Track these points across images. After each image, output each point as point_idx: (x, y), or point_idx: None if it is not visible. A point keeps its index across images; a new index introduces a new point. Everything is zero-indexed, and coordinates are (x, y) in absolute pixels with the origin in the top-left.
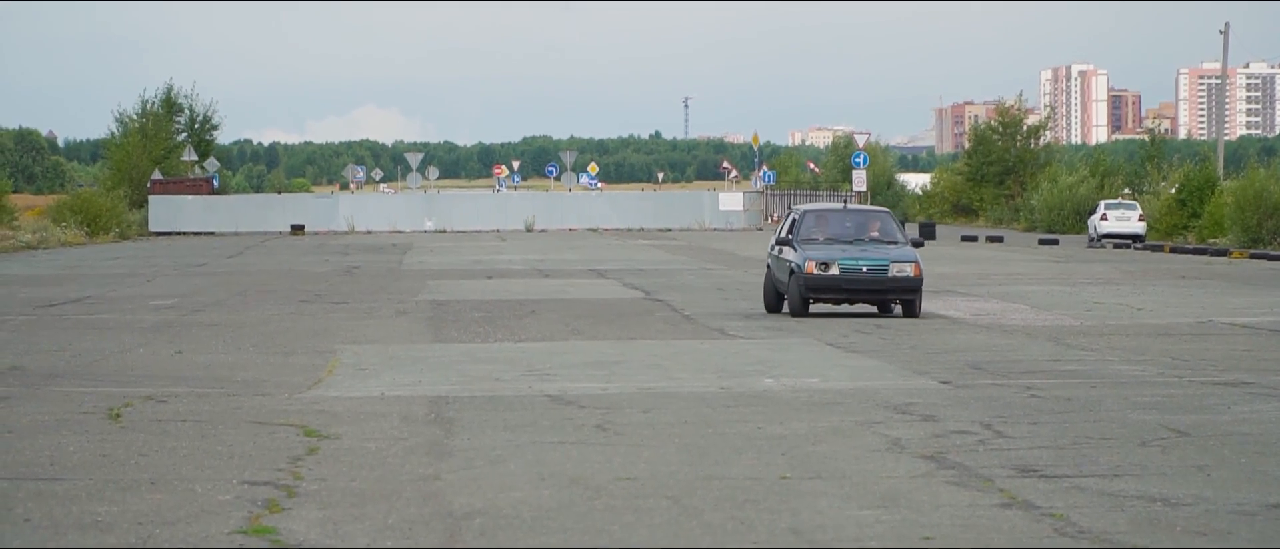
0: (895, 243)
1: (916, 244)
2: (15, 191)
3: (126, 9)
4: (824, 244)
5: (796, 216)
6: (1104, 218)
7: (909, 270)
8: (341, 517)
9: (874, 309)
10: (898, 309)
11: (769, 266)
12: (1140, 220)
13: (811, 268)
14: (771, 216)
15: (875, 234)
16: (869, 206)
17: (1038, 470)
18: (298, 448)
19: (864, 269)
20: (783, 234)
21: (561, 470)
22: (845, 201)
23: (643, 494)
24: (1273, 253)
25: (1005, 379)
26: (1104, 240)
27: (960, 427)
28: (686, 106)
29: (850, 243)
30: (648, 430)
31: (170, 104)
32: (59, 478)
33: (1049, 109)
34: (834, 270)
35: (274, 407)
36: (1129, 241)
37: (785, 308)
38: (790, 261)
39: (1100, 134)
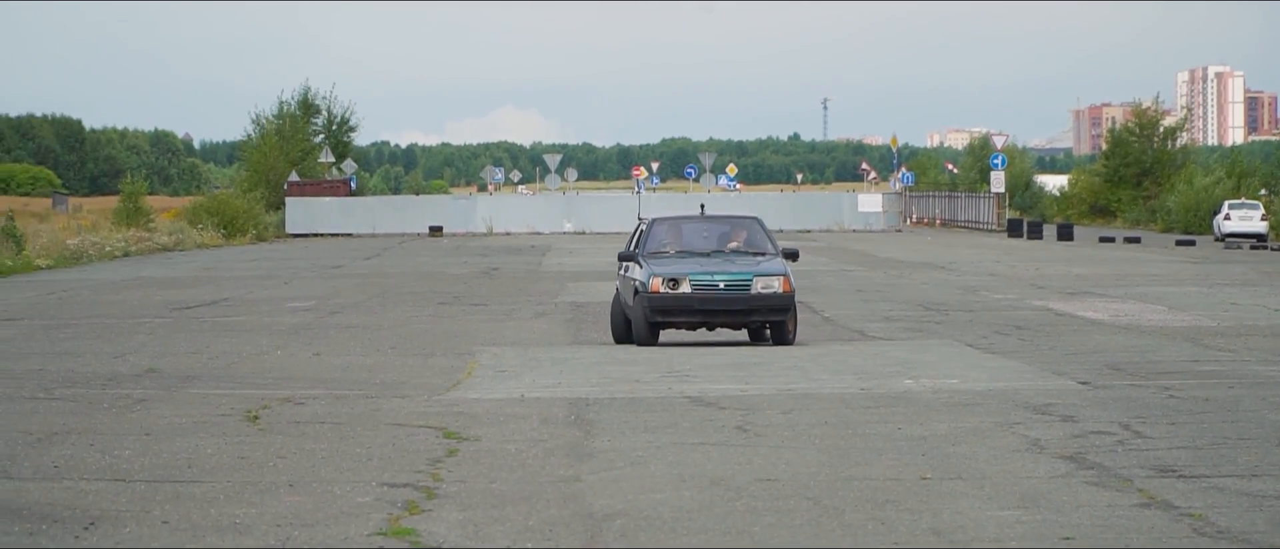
0: (762, 254)
1: (789, 256)
2: (151, 193)
3: (263, 10)
4: (674, 258)
5: (645, 227)
6: (1227, 218)
7: (776, 285)
8: (482, 518)
9: (744, 335)
10: (768, 332)
11: (617, 289)
12: (1263, 220)
13: (658, 286)
14: (911, 218)
15: (738, 245)
16: (733, 214)
17: (1176, 470)
18: (437, 449)
19: (721, 285)
20: (629, 248)
21: (702, 471)
22: (702, 208)
23: (783, 495)
24: None
25: (1143, 380)
26: (1229, 239)
27: (1099, 427)
28: (825, 108)
29: (706, 256)
30: (788, 431)
31: (307, 106)
32: (197, 480)
33: (1185, 111)
34: (684, 288)
35: (413, 408)
36: (1252, 241)
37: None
38: (635, 280)
39: (1236, 136)
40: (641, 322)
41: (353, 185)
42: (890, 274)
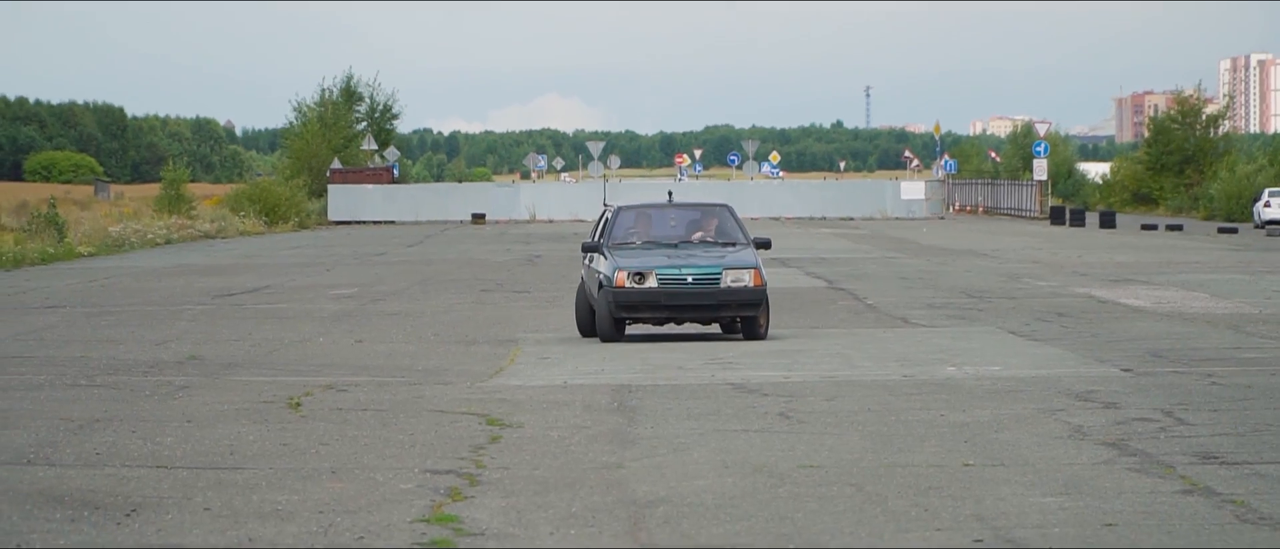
0: (733, 245)
1: (761, 246)
2: (193, 181)
3: None
4: (640, 250)
5: (609, 216)
6: (1267, 205)
7: (747, 279)
8: (525, 505)
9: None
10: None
11: (582, 279)
12: None
13: (622, 280)
14: (953, 206)
15: (708, 235)
16: (704, 201)
17: (1218, 457)
18: (480, 436)
19: (689, 279)
20: (593, 238)
21: (745, 458)
22: (670, 196)
23: (826, 481)
24: None
25: (1186, 366)
26: (1270, 227)
27: (1141, 414)
28: (868, 96)
29: (674, 247)
30: (831, 418)
31: (350, 93)
32: (239, 467)
33: (1228, 99)
34: (650, 282)
35: (456, 395)
36: None
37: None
38: (599, 273)
39: (1278, 123)
40: (606, 317)
41: (395, 173)
42: (933, 261)
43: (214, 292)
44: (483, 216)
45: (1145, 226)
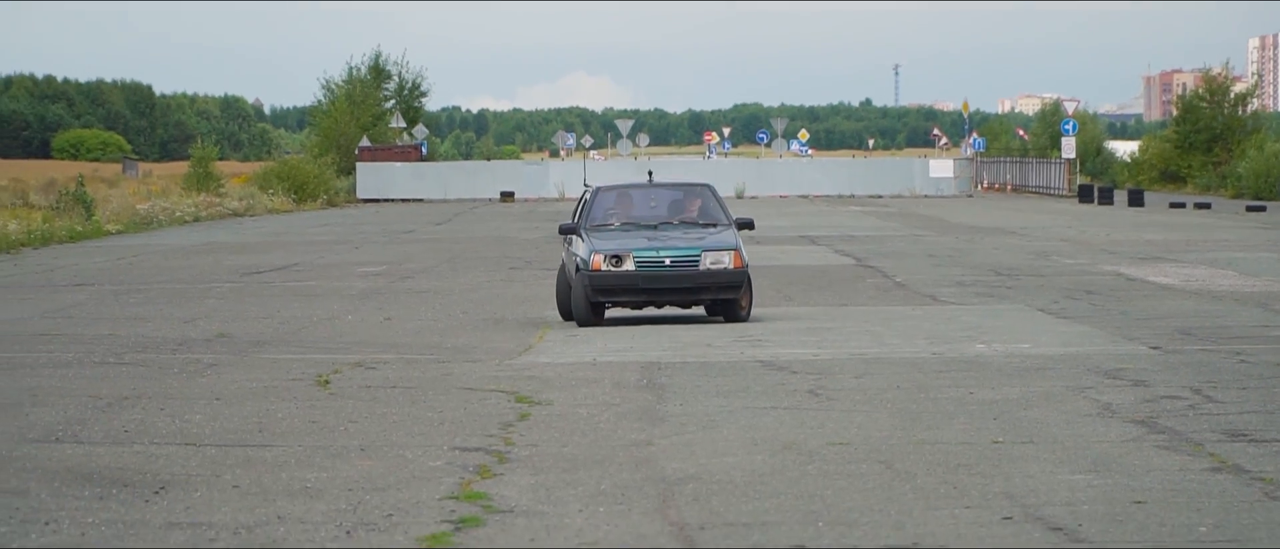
0: (714, 226)
1: (743, 226)
2: (221, 159)
3: None
4: (618, 232)
5: (588, 196)
6: None
7: (727, 261)
8: (553, 482)
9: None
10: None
11: (562, 261)
12: None
13: (599, 263)
14: (982, 184)
15: (691, 215)
16: (685, 181)
17: (1247, 435)
18: (509, 414)
19: (667, 262)
20: (572, 219)
21: (774, 435)
22: (650, 175)
23: (855, 459)
24: None
25: (1214, 344)
26: None
27: (1170, 392)
28: (897, 74)
29: (653, 228)
30: (860, 395)
31: (378, 71)
32: (268, 444)
33: (1256, 77)
34: (628, 265)
35: (484, 373)
36: None
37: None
38: (577, 256)
39: None
40: (583, 300)
41: (424, 151)
42: (961, 239)
43: (242, 269)
44: (511, 195)
45: (1173, 205)
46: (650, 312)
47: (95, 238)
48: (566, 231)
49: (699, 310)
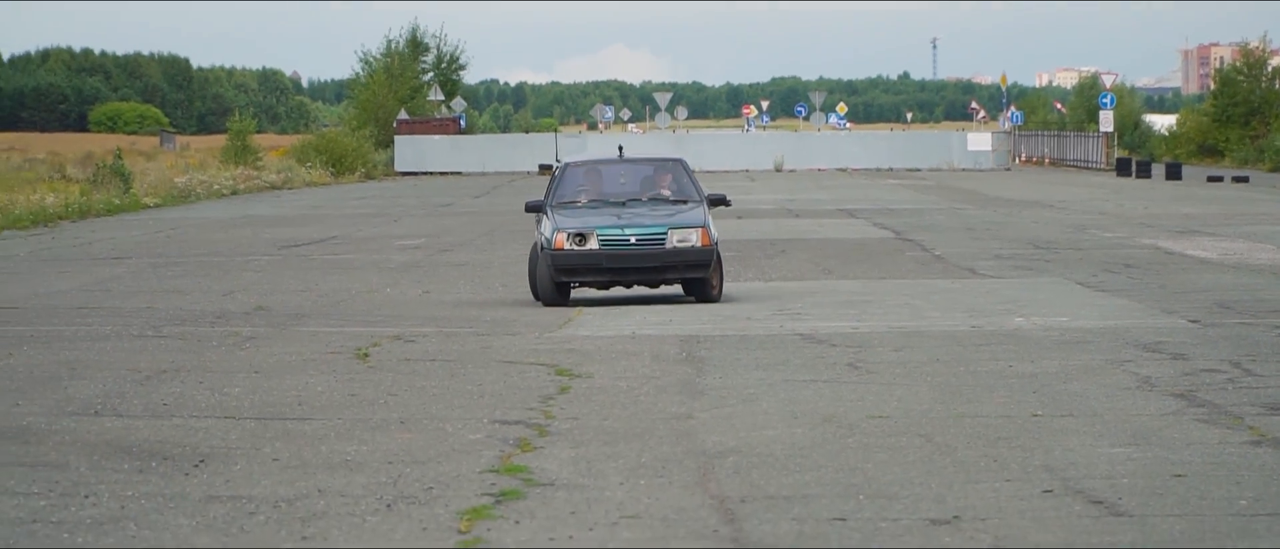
0: (683, 202)
1: (715, 202)
2: (259, 132)
3: None
4: (584, 209)
5: (557, 173)
6: None
7: (694, 239)
8: (594, 455)
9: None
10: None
11: (535, 241)
12: None
13: (562, 242)
14: (1019, 157)
15: (657, 191)
16: (656, 156)
17: None
18: (548, 387)
19: (632, 240)
20: (542, 196)
21: (814, 409)
22: (620, 150)
23: (895, 432)
24: None
25: (1253, 318)
26: None
27: (1209, 365)
28: (934, 47)
29: (620, 205)
30: (899, 369)
31: (416, 44)
32: (307, 417)
33: None
34: (591, 244)
35: (524, 346)
36: None
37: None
38: (542, 234)
39: None
40: (547, 280)
41: (462, 124)
42: (999, 212)
43: (280, 242)
44: (550, 167)
45: (1211, 178)
46: (619, 292)
47: (133, 211)
48: (533, 209)
49: (670, 291)
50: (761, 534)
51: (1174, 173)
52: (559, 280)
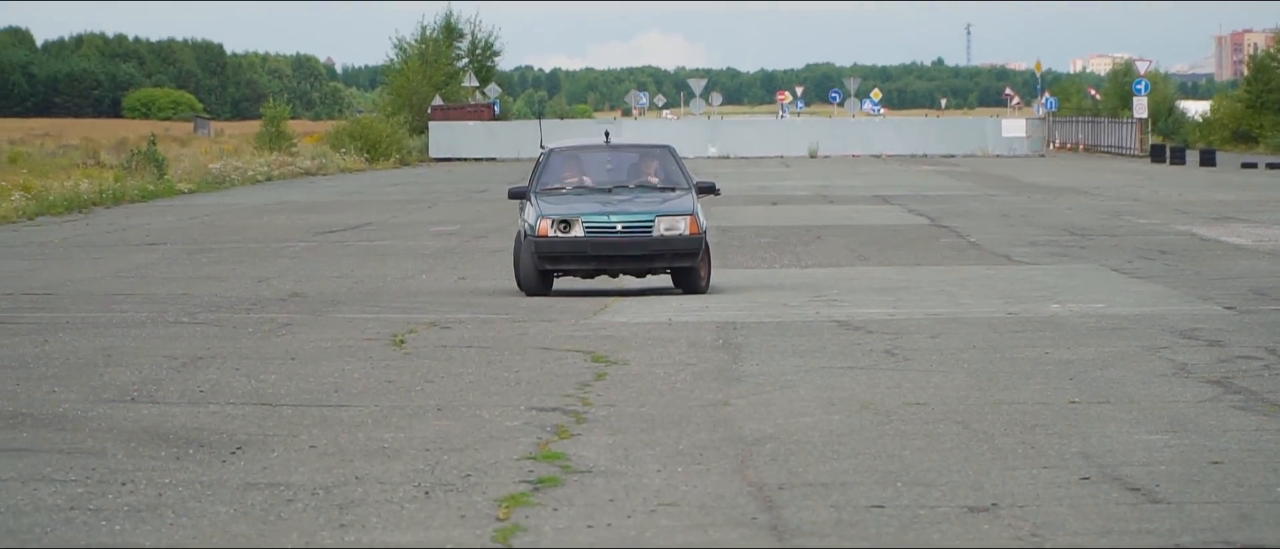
0: (671, 190)
1: (705, 190)
2: (293, 118)
3: None
4: (569, 196)
5: (542, 159)
6: None
7: (682, 227)
8: (631, 442)
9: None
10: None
11: (518, 228)
12: None
13: (546, 229)
14: (1053, 144)
15: (645, 178)
16: (643, 142)
17: None
18: (585, 373)
19: (618, 228)
20: (526, 183)
21: (851, 395)
22: (607, 136)
23: (933, 419)
24: None
25: None
26: None
27: (1245, 352)
28: (969, 33)
29: (606, 192)
30: (936, 355)
31: (450, 30)
32: (344, 404)
33: None
34: (576, 231)
35: (560, 332)
36: None
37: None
38: (526, 221)
39: None
40: (530, 269)
41: (496, 110)
42: (1034, 199)
43: (315, 229)
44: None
45: (1245, 165)
46: (603, 282)
47: (167, 197)
48: (516, 195)
49: (656, 281)
50: (800, 521)
51: (1208, 159)
52: (542, 269)
